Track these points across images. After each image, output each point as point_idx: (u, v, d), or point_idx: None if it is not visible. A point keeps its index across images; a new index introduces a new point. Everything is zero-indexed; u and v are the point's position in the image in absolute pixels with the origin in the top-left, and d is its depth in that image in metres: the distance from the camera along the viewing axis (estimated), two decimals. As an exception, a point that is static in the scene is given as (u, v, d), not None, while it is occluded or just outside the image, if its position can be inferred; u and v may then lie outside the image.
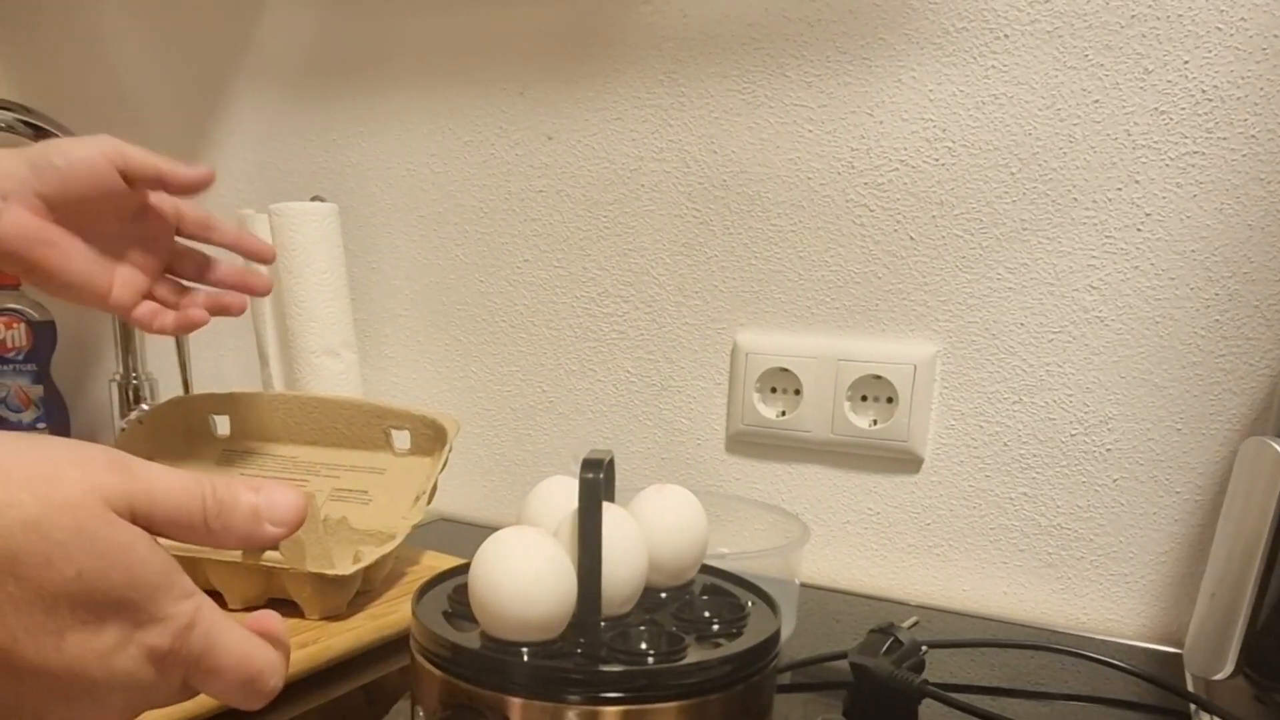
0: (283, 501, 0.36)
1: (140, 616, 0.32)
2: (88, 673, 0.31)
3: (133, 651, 0.32)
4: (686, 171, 0.88)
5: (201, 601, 0.34)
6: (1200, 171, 0.70)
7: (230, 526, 0.35)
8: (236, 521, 0.35)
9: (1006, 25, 0.73)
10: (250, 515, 0.36)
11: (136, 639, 0.32)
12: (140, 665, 0.32)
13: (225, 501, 0.35)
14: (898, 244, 0.80)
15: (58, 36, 1.25)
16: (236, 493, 0.35)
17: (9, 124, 0.90)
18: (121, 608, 0.32)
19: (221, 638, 0.34)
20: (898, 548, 0.84)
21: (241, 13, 1.09)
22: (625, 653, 0.43)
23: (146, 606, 0.32)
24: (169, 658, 0.33)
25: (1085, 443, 0.76)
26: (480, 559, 0.43)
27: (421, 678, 0.45)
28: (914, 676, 0.58)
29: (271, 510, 0.36)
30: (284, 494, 0.37)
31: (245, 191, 1.13)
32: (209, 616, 0.34)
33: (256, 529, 0.36)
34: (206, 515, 0.34)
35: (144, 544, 0.32)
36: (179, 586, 0.33)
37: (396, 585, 0.75)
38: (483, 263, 1.00)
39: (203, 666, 0.34)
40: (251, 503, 0.36)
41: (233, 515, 0.35)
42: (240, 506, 0.35)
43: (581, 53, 0.91)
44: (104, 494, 0.31)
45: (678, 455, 0.92)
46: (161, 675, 0.33)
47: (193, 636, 0.33)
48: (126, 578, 0.31)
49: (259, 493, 0.36)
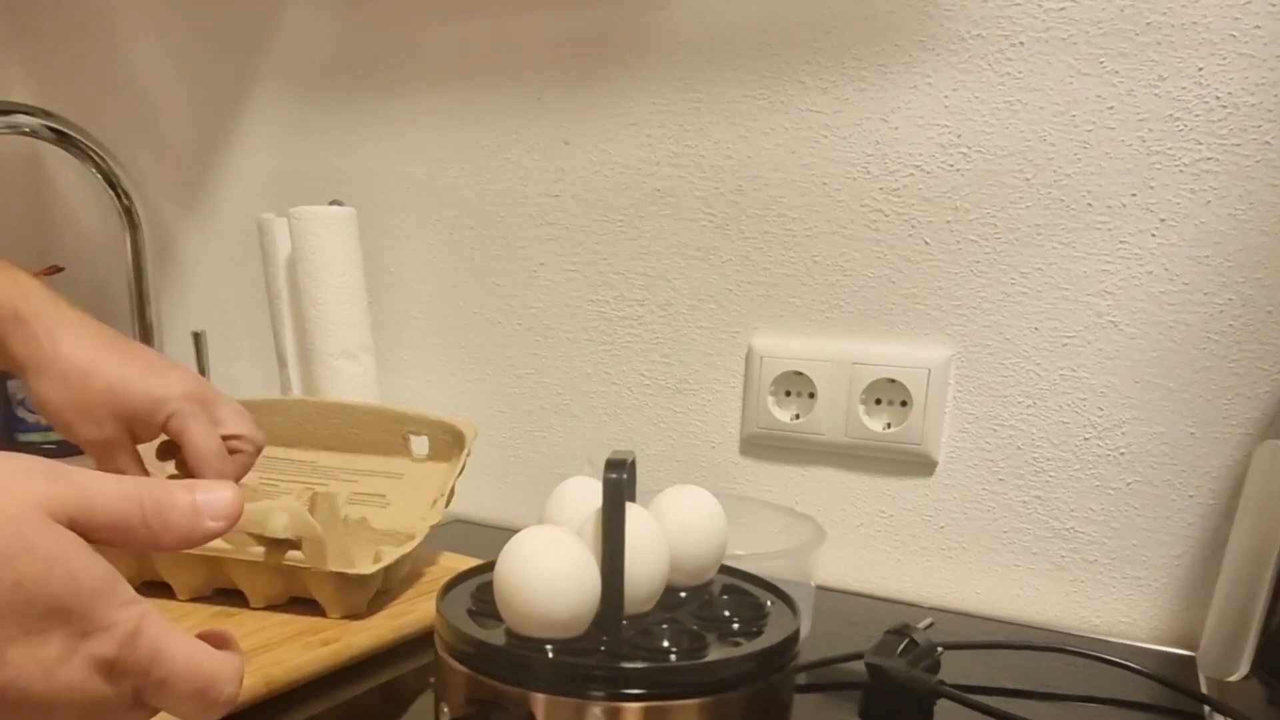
0: (220, 497, 0.36)
1: (84, 625, 0.32)
2: (32, 687, 0.31)
3: (78, 663, 0.32)
4: (702, 176, 0.88)
5: (146, 609, 0.34)
6: (1214, 178, 0.70)
7: (169, 525, 0.35)
8: (175, 519, 0.35)
9: (1021, 32, 0.74)
10: (189, 512, 0.35)
11: (81, 649, 0.32)
12: (87, 677, 0.32)
13: (162, 501, 0.35)
14: (912, 248, 0.80)
15: (80, 44, 1.26)
16: (173, 492, 0.35)
17: (34, 129, 0.92)
18: (64, 617, 0.31)
19: (169, 645, 0.34)
20: (911, 550, 0.84)
21: (260, 19, 1.10)
22: (648, 650, 0.44)
23: (89, 614, 0.32)
24: (116, 667, 0.33)
25: (1098, 446, 0.76)
26: (506, 556, 0.44)
27: (446, 674, 0.46)
28: (930, 677, 0.59)
29: (210, 506, 0.36)
30: (220, 490, 0.37)
31: (264, 196, 1.14)
32: (155, 624, 0.34)
33: (196, 525, 0.36)
34: (145, 515, 0.34)
35: (83, 551, 0.32)
36: (121, 594, 0.33)
37: (415, 585, 0.76)
38: (499, 266, 1.01)
39: (153, 676, 0.33)
40: (189, 500, 0.35)
41: (170, 514, 0.35)
42: (177, 505, 0.35)
43: (598, 58, 0.92)
44: (40, 502, 0.31)
45: (692, 458, 0.93)
46: (111, 687, 0.33)
47: (139, 644, 0.33)
48: (67, 585, 0.31)
49: (195, 490, 0.36)
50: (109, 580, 0.32)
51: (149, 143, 1.23)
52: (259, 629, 0.66)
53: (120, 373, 0.63)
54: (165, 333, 1.11)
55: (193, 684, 0.34)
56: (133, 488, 0.34)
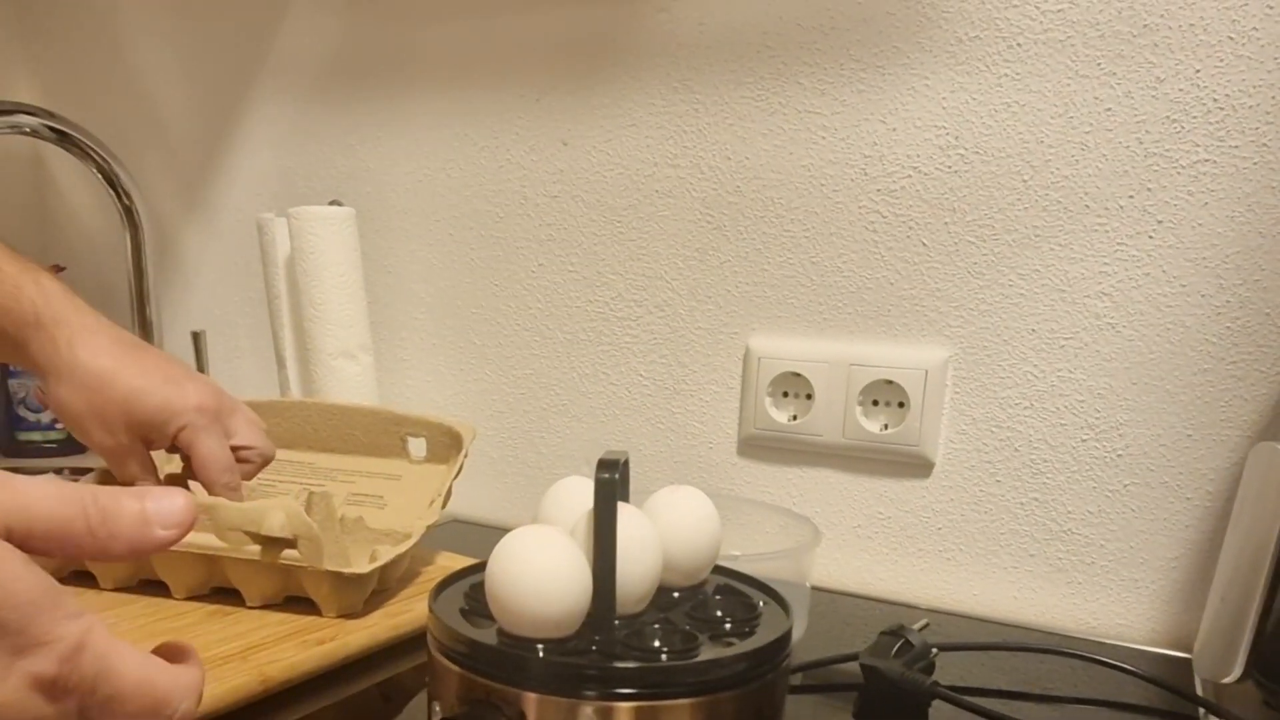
0: (170, 505, 0.35)
1: (19, 641, 0.30)
2: None
3: (14, 681, 0.30)
4: (700, 177, 0.88)
5: (91, 623, 0.32)
6: (1212, 179, 0.70)
7: (116, 533, 0.33)
8: (123, 527, 0.33)
9: (1019, 34, 0.74)
10: (137, 520, 0.34)
11: (17, 667, 0.30)
12: (25, 696, 0.30)
13: (109, 509, 0.33)
14: (910, 250, 0.80)
15: (82, 44, 1.27)
16: (119, 499, 0.34)
17: (35, 129, 0.92)
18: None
19: (116, 661, 0.32)
20: (908, 551, 0.84)
21: (262, 20, 1.10)
22: (640, 650, 0.44)
23: (26, 629, 0.30)
24: (57, 684, 0.31)
25: (1096, 448, 0.76)
26: (498, 556, 0.44)
27: (439, 673, 0.46)
28: (924, 678, 0.59)
29: (160, 515, 0.34)
30: (171, 497, 0.35)
31: (264, 195, 1.14)
32: (100, 639, 0.32)
33: (145, 533, 0.34)
34: (90, 524, 0.33)
35: (18, 561, 0.30)
36: (63, 607, 0.31)
37: (412, 584, 0.76)
38: (497, 267, 1.01)
39: (99, 694, 0.32)
40: (137, 508, 0.34)
41: (118, 522, 0.33)
42: (125, 513, 0.33)
43: (597, 60, 0.92)
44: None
45: (690, 458, 0.93)
46: (53, 706, 0.31)
47: (82, 660, 0.31)
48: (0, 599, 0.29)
49: (144, 498, 0.34)
50: (48, 593, 0.31)
51: (150, 143, 1.23)
52: (255, 628, 0.66)
53: (137, 383, 0.64)
54: (165, 332, 1.11)
55: (143, 702, 0.33)
56: (76, 494, 0.33)
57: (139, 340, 0.68)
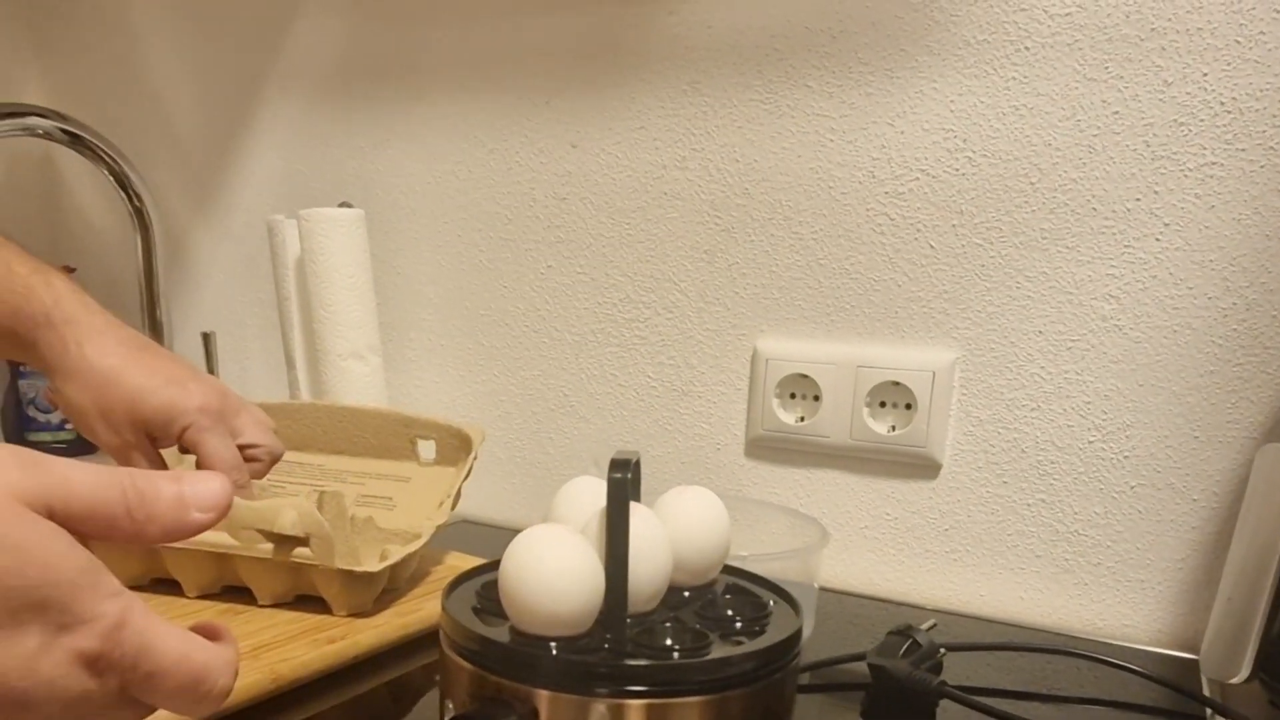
0: (207, 488, 0.35)
1: (64, 618, 0.30)
2: (9, 681, 0.30)
3: (59, 656, 0.30)
4: (709, 180, 0.89)
5: (131, 600, 0.32)
6: (1219, 182, 0.70)
7: (154, 516, 0.34)
8: (160, 510, 0.34)
9: (1027, 38, 0.74)
10: (175, 503, 0.34)
11: (62, 643, 0.30)
12: (70, 671, 0.31)
13: (147, 492, 0.34)
14: (918, 252, 0.81)
15: (93, 45, 1.27)
16: (157, 483, 0.34)
17: (47, 131, 0.93)
18: (42, 608, 0.30)
19: (156, 637, 0.32)
20: (915, 552, 0.85)
21: (272, 22, 1.11)
22: (651, 648, 0.45)
23: (70, 606, 0.30)
24: (100, 661, 0.31)
25: (1103, 450, 0.76)
26: (511, 554, 0.44)
27: (451, 671, 0.46)
28: (932, 678, 0.59)
29: (197, 498, 0.35)
30: (208, 481, 0.36)
31: (273, 197, 1.15)
32: (140, 616, 0.32)
33: (182, 516, 0.34)
34: (129, 506, 0.33)
35: (62, 540, 0.31)
36: (104, 585, 0.31)
37: (421, 584, 0.76)
38: (506, 268, 1.02)
39: (140, 670, 0.32)
40: (175, 491, 0.34)
41: (156, 504, 0.34)
42: (163, 496, 0.34)
43: (606, 63, 0.92)
44: (17, 491, 0.30)
45: (697, 459, 0.93)
46: (96, 682, 0.32)
47: (124, 637, 0.31)
48: (44, 575, 0.30)
49: (181, 482, 0.35)
50: (90, 571, 0.31)
51: (161, 145, 1.23)
52: (266, 626, 0.67)
53: (141, 383, 0.64)
54: (175, 333, 1.12)
55: (183, 677, 0.33)
56: (115, 477, 0.33)
57: (148, 340, 0.69)
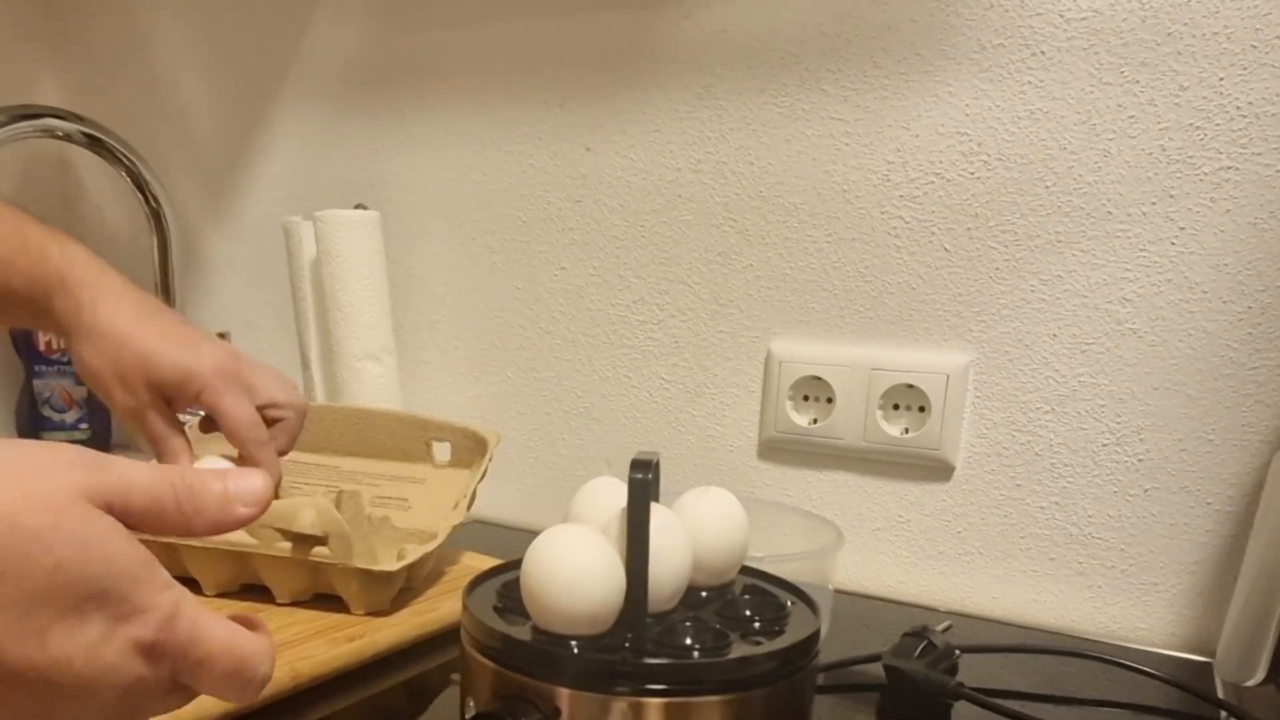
0: (250, 484, 0.37)
1: (122, 609, 0.32)
2: (73, 668, 0.31)
3: (118, 645, 0.32)
4: (723, 183, 0.89)
5: (181, 593, 0.34)
6: (1234, 186, 0.70)
7: (202, 510, 0.35)
8: (207, 504, 0.36)
9: (1043, 42, 0.74)
10: (220, 499, 0.36)
11: (121, 632, 0.32)
12: (128, 659, 0.32)
13: (194, 487, 0.35)
14: (932, 255, 0.81)
15: (111, 48, 1.28)
16: (204, 479, 0.36)
17: (66, 133, 0.93)
18: (102, 600, 0.32)
19: (206, 627, 0.34)
20: (929, 555, 0.85)
21: (288, 26, 1.12)
22: (671, 647, 0.45)
23: (128, 598, 0.32)
24: (155, 649, 0.33)
25: (1117, 453, 0.77)
26: (534, 554, 0.45)
27: (473, 669, 0.47)
28: (948, 679, 0.59)
29: (241, 493, 0.37)
30: (250, 477, 0.37)
31: (290, 199, 1.16)
32: (191, 607, 0.34)
33: (229, 510, 0.36)
34: (179, 501, 0.35)
35: (120, 535, 0.33)
36: (159, 578, 0.33)
37: (437, 584, 0.77)
38: (520, 271, 1.02)
39: (190, 657, 0.34)
40: (220, 487, 0.36)
41: (203, 498, 0.36)
42: (209, 491, 0.36)
43: (621, 66, 0.93)
44: (79, 487, 0.32)
45: (711, 461, 0.94)
46: (150, 669, 0.33)
47: (177, 626, 0.33)
48: (105, 568, 0.32)
49: (226, 478, 0.37)
50: (146, 565, 0.33)
51: (177, 146, 1.24)
52: (285, 625, 0.67)
53: (153, 344, 0.65)
54: (191, 333, 1.12)
55: (229, 664, 0.35)
56: (166, 474, 0.35)
57: (162, 305, 0.69)
